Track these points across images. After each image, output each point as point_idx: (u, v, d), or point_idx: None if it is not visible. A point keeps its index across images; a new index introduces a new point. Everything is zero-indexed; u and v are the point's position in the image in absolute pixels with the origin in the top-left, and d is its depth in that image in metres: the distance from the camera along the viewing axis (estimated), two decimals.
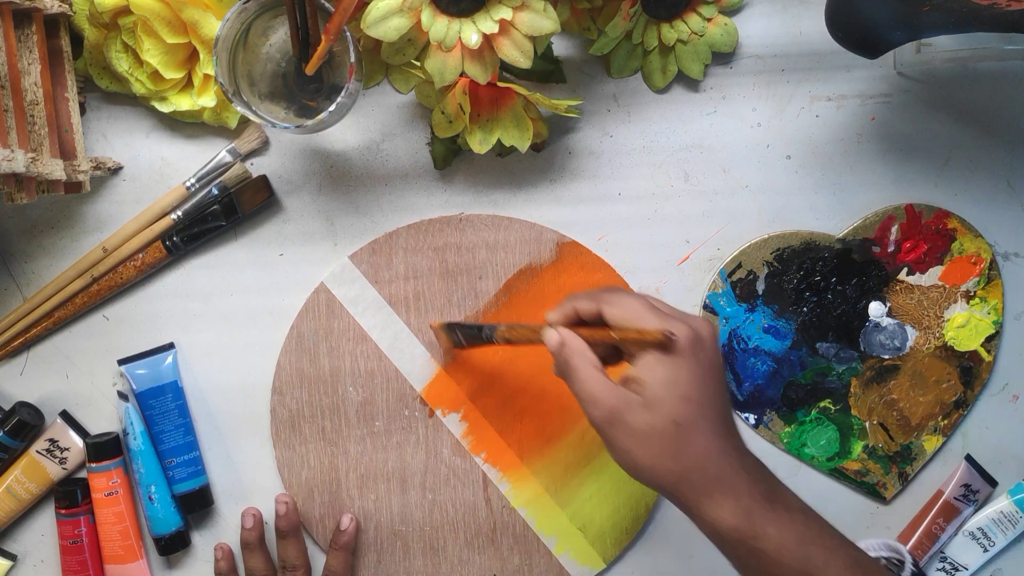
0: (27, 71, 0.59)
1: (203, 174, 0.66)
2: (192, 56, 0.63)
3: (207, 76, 0.63)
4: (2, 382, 0.68)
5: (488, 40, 0.56)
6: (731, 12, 0.66)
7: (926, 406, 0.68)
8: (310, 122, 0.57)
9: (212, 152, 0.67)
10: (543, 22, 0.56)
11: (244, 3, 0.57)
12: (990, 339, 0.68)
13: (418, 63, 0.59)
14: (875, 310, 0.67)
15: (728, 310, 0.68)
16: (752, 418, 0.68)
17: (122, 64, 0.63)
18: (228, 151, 0.66)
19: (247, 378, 0.68)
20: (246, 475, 0.68)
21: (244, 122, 0.66)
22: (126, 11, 0.61)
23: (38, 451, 0.66)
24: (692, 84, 0.67)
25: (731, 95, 0.67)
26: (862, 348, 0.68)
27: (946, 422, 0.68)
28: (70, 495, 0.66)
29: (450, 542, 0.67)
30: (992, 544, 0.68)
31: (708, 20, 0.65)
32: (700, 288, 0.68)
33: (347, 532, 0.66)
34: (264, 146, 0.67)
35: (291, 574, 0.65)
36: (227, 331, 0.68)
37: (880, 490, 0.68)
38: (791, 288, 0.67)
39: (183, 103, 0.64)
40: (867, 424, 0.68)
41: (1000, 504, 0.68)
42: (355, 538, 0.66)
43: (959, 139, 0.68)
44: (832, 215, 0.68)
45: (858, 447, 0.68)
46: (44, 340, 0.68)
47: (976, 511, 0.68)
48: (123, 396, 0.67)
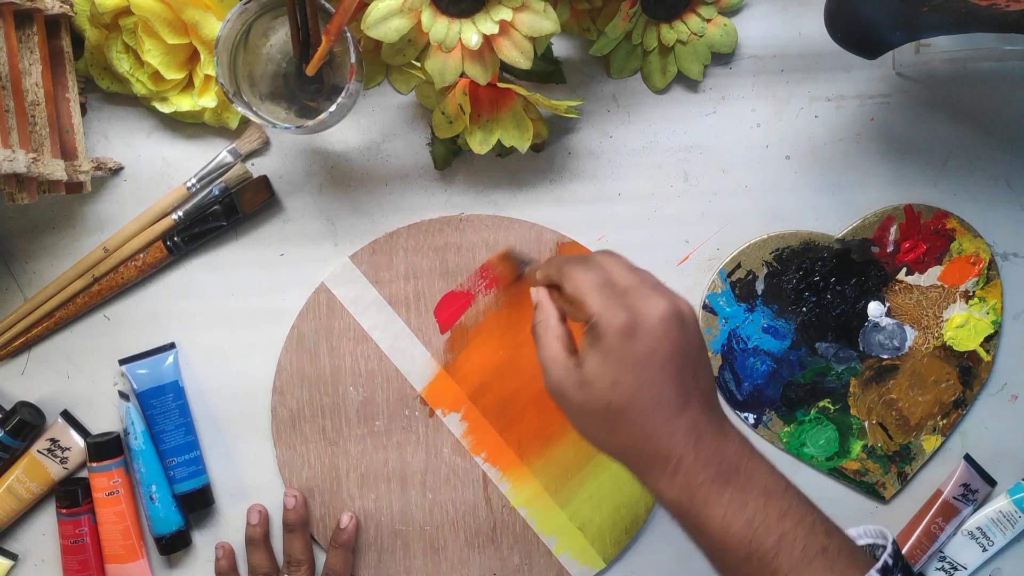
0: (28, 71, 0.59)
1: (204, 174, 0.66)
2: (193, 57, 0.64)
3: (208, 77, 0.63)
4: (3, 382, 0.68)
5: (488, 41, 0.56)
6: (730, 13, 0.66)
7: (925, 406, 0.68)
8: (311, 123, 0.57)
9: (213, 152, 0.67)
10: (543, 23, 0.56)
11: (245, 4, 0.57)
12: (989, 339, 0.68)
13: (418, 64, 0.59)
14: (874, 310, 0.68)
15: (727, 310, 0.68)
16: (751, 418, 0.68)
17: (123, 64, 0.63)
18: (229, 151, 0.66)
19: (248, 378, 0.68)
20: (247, 475, 0.68)
21: (245, 122, 0.66)
22: (127, 12, 0.61)
23: (39, 451, 0.66)
24: (691, 85, 0.68)
25: (730, 96, 0.68)
26: (861, 348, 0.68)
27: (945, 422, 0.68)
28: (71, 495, 0.66)
29: (450, 541, 0.67)
30: (991, 544, 0.68)
31: (707, 21, 0.65)
32: (700, 288, 0.68)
33: (347, 531, 0.66)
34: (265, 146, 0.67)
35: (295, 570, 0.65)
36: (228, 331, 0.68)
37: (879, 490, 0.68)
38: (790, 288, 0.67)
39: (184, 104, 0.64)
40: (866, 424, 0.68)
41: (999, 504, 0.68)
42: (355, 537, 0.67)
43: (958, 139, 0.68)
44: (831, 215, 0.68)
45: (857, 447, 0.68)
46: (45, 340, 0.68)
47: (975, 511, 0.68)
48: (124, 396, 0.67)
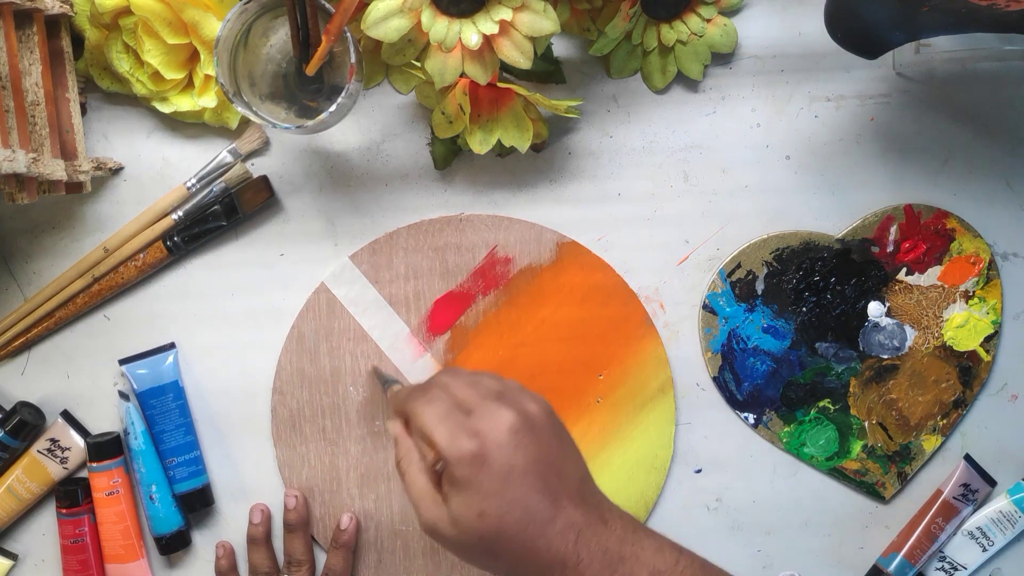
0: (28, 72, 0.59)
1: (204, 174, 0.66)
2: (193, 57, 0.64)
3: (208, 77, 0.63)
4: (3, 382, 0.68)
5: (488, 41, 0.56)
6: (730, 13, 0.66)
7: (925, 406, 0.68)
8: (311, 123, 0.57)
9: (213, 152, 0.67)
10: (543, 23, 0.56)
11: (245, 4, 0.57)
12: (989, 339, 0.68)
13: (418, 64, 0.59)
14: (874, 310, 0.68)
15: (727, 310, 0.68)
16: (751, 418, 0.68)
17: (123, 65, 0.63)
18: (229, 151, 0.66)
19: (248, 378, 0.68)
20: (247, 475, 0.68)
21: (245, 122, 0.66)
22: (127, 12, 0.61)
23: (39, 451, 0.66)
24: (691, 85, 0.68)
25: (730, 96, 0.68)
26: (861, 348, 0.68)
27: (945, 422, 0.68)
28: (71, 495, 0.66)
29: None
30: (991, 544, 0.68)
31: (707, 21, 0.65)
32: (700, 288, 0.68)
33: (347, 531, 0.66)
34: (265, 146, 0.67)
35: (296, 570, 0.65)
36: (228, 331, 0.68)
37: (879, 489, 0.68)
38: (790, 288, 0.67)
39: (184, 104, 0.64)
40: (866, 424, 0.68)
41: (999, 504, 0.68)
42: (355, 537, 0.67)
43: (958, 139, 0.68)
44: (831, 215, 0.68)
45: (857, 447, 0.68)
46: (45, 340, 0.68)
47: (975, 511, 0.68)
48: (124, 396, 0.67)
